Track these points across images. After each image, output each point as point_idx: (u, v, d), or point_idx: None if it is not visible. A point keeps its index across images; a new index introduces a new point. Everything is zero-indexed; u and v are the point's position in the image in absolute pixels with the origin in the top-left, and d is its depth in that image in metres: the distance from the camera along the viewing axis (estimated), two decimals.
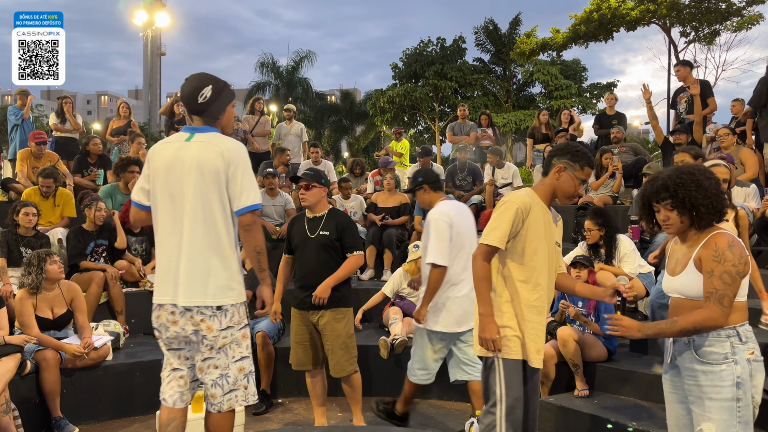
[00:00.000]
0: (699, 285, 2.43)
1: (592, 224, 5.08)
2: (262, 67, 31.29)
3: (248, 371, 2.82)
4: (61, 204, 6.54)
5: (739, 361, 2.38)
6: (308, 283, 4.03)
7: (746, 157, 6.61)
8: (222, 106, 2.84)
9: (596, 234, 5.08)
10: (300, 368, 4.16)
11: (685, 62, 7.82)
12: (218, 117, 2.84)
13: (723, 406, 2.35)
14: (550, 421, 4.26)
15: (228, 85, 2.91)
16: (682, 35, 23.31)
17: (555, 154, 2.97)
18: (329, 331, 3.99)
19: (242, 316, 2.79)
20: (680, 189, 2.46)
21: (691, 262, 2.47)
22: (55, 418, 4.26)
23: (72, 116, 8.87)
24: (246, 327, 2.82)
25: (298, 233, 4.11)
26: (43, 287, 4.50)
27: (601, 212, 5.20)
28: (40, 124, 24.32)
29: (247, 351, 2.81)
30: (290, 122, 9.96)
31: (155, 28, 16.17)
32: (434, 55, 28.73)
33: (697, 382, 2.42)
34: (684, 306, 2.50)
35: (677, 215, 2.49)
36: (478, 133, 10.06)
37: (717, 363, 2.39)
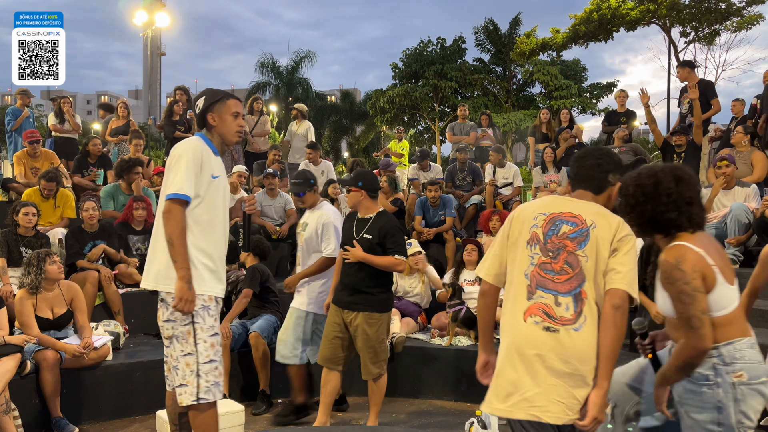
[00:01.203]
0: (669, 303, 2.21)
1: None
2: (262, 67, 31.29)
3: (195, 369, 2.78)
4: (61, 205, 6.54)
5: (722, 384, 2.13)
6: (346, 282, 4.10)
7: (757, 160, 6.62)
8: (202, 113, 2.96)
9: None
10: (323, 363, 4.18)
11: (686, 63, 7.77)
12: (204, 124, 2.97)
13: (702, 428, 2.16)
14: None
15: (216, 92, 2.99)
16: (682, 35, 23.31)
17: (610, 169, 2.44)
18: (360, 334, 4.05)
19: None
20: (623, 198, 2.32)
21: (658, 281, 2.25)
22: (55, 418, 4.26)
23: (71, 116, 8.87)
24: (191, 324, 2.79)
25: (346, 232, 4.18)
26: (43, 287, 4.50)
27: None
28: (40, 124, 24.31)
29: (191, 348, 2.78)
30: (298, 122, 9.94)
31: (155, 28, 16.15)
32: (434, 55, 28.72)
33: (679, 395, 2.24)
34: (671, 322, 2.28)
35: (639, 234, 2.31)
36: (478, 133, 10.07)
37: (698, 383, 2.17)
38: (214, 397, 2.82)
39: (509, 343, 2.23)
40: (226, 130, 2.96)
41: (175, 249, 2.74)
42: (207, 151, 2.90)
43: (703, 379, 2.15)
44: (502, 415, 2.17)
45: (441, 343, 5.27)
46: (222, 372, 2.89)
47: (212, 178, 2.87)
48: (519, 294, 2.23)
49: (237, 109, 2.98)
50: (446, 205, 7.16)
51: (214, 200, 2.89)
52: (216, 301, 2.91)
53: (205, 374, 2.79)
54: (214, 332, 2.86)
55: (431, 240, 6.99)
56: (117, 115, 9.41)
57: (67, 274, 5.41)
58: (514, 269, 2.27)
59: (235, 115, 2.97)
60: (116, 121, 9.35)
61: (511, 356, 2.20)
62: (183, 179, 2.76)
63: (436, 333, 5.50)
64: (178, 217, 2.75)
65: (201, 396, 2.77)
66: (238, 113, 2.99)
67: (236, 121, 2.97)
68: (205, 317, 2.83)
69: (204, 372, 2.79)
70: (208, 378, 2.79)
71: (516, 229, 2.29)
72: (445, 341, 5.25)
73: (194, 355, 2.78)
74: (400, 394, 5.04)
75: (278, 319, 5.25)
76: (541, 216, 2.27)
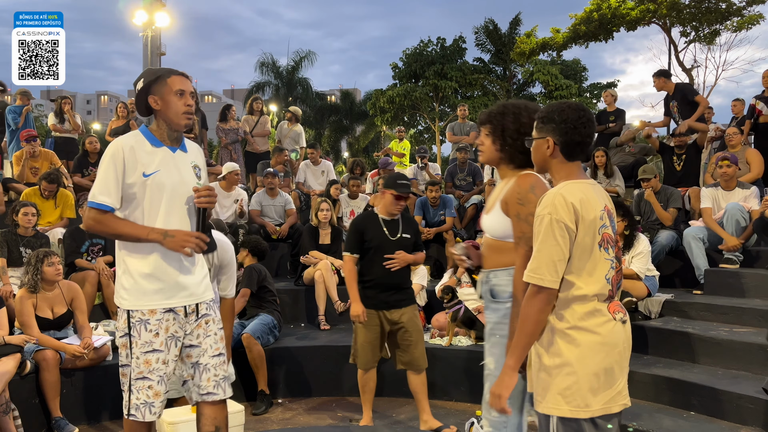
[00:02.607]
0: (503, 226, 2.41)
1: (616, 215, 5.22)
2: (262, 67, 31.27)
3: (128, 383, 2.57)
4: (61, 205, 6.54)
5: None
6: (390, 282, 4.14)
7: (752, 158, 6.61)
8: (142, 98, 2.60)
9: (621, 225, 5.17)
10: (366, 367, 4.25)
11: (661, 72, 7.72)
12: (144, 108, 2.61)
13: (500, 342, 2.40)
14: None
15: (155, 71, 2.61)
16: (683, 35, 23.29)
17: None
18: (412, 326, 4.17)
19: (123, 324, 2.58)
20: (498, 117, 2.49)
21: (498, 203, 2.46)
22: (55, 418, 4.25)
23: (72, 116, 8.87)
24: (127, 337, 2.56)
25: (376, 236, 4.15)
26: (42, 287, 4.50)
27: (622, 204, 5.43)
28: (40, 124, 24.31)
29: (126, 360, 2.58)
30: (291, 124, 9.97)
31: (155, 27, 16.10)
32: (434, 55, 28.71)
33: (488, 318, 2.51)
34: (491, 245, 2.51)
35: (491, 143, 2.52)
36: (478, 133, 10.06)
37: (504, 300, 2.41)
38: (143, 418, 2.56)
39: (600, 341, 2.05)
40: (171, 113, 2.55)
41: (127, 234, 2.51)
42: (138, 145, 2.54)
43: (508, 295, 2.38)
44: (600, 414, 2.04)
45: (441, 343, 5.27)
46: (158, 392, 2.57)
47: (144, 177, 2.51)
48: (601, 296, 2.07)
49: (182, 86, 2.56)
50: (446, 205, 7.17)
51: (155, 200, 2.54)
52: (163, 314, 2.58)
53: (136, 390, 2.56)
54: (152, 349, 2.55)
55: (431, 240, 7.00)
56: (117, 115, 9.42)
57: (67, 273, 5.42)
58: (592, 272, 2.06)
59: (179, 93, 2.55)
60: (116, 121, 9.37)
61: (605, 353, 2.05)
62: (98, 185, 2.53)
63: (435, 333, 5.50)
64: (100, 219, 2.51)
65: (130, 412, 2.57)
66: (184, 91, 2.56)
67: (182, 100, 2.54)
68: (141, 332, 2.55)
69: (135, 388, 2.56)
70: (138, 396, 2.55)
71: (582, 231, 2.04)
72: (445, 341, 5.25)
73: (129, 367, 2.58)
74: (400, 395, 5.03)
75: (275, 319, 5.25)
76: (604, 214, 2.11)
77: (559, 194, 2.02)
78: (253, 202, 7.40)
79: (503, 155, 2.50)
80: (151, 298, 2.57)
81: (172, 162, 2.60)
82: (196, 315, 2.69)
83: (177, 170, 2.60)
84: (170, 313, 2.60)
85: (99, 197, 2.51)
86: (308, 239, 6.47)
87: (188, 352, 2.69)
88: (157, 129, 2.61)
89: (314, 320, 6.06)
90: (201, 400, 2.70)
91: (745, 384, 3.95)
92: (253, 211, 7.31)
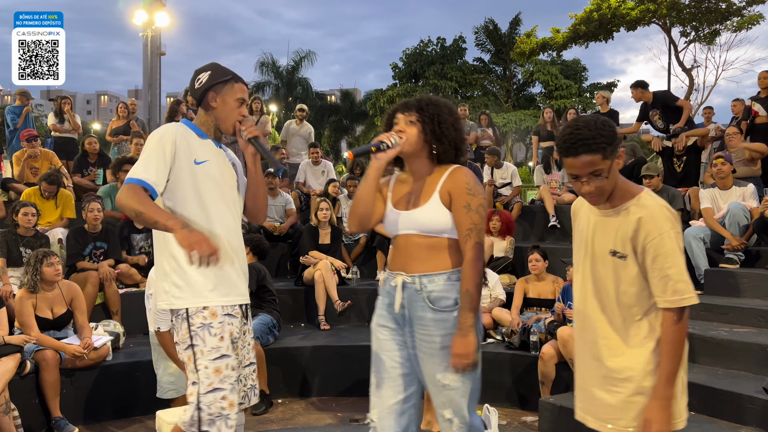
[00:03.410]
0: (443, 219, 2.22)
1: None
2: (262, 66, 31.27)
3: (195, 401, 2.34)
4: (61, 205, 6.54)
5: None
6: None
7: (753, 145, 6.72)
8: (204, 90, 2.50)
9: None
10: None
11: (637, 83, 7.81)
12: (201, 104, 2.53)
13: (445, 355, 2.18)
14: (550, 421, 4.25)
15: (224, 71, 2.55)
16: (683, 35, 23.30)
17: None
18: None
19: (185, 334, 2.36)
20: (432, 107, 2.27)
21: (435, 195, 2.24)
22: (54, 418, 4.25)
23: (71, 116, 8.87)
24: (191, 348, 2.35)
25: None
26: (41, 287, 4.50)
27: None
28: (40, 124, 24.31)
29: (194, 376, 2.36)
30: (300, 122, 9.93)
31: (155, 27, 16.12)
32: (434, 55, 28.73)
33: (429, 332, 2.20)
34: (422, 244, 2.24)
35: (418, 132, 2.25)
36: (478, 133, 10.06)
37: (449, 309, 2.20)
38: (219, 431, 2.34)
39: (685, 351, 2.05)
40: (225, 116, 2.50)
41: (147, 214, 2.25)
42: (187, 134, 2.45)
43: (452, 303, 2.20)
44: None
45: None
46: (233, 402, 2.37)
47: (195, 164, 2.41)
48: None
49: (243, 96, 2.54)
50: None
51: (205, 188, 2.42)
52: (224, 314, 2.40)
53: (207, 406, 2.33)
54: (220, 354, 2.35)
55: None
56: (117, 115, 9.42)
57: (68, 274, 5.42)
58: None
59: (240, 101, 2.52)
60: (116, 121, 9.37)
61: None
62: (142, 165, 2.34)
63: None
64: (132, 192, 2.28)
65: (203, 429, 2.33)
66: (244, 100, 2.54)
67: (239, 109, 2.51)
68: (206, 338, 2.35)
69: (206, 404, 2.32)
70: (211, 410, 2.33)
71: None
72: None
73: (197, 384, 2.33)
74: None
75: (274, 319, 5.25)
76: None
77: (664, 207, 1.95)
78: None
79: (432, 147, 2.26)
80: (210, 296, 2.39)
81: (219, 156, 2.53)
82: (245, 319, 2.54)
83: (223, 163, 2.54)
84: (228, 317, 2.43)
85: (142, 174, 2.32)
86: (308, 239, 6.47)
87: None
88: (203, 124, 2.53)
89: (314, 320, 6.06)
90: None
91: (745, 384, 3.94)
92: None
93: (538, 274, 5.46)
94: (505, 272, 6.48)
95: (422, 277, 2.22)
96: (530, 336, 4.93)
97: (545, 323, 4.96)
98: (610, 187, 1.96)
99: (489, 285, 5.69)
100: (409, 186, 2.35)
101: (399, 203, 2.33)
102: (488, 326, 5.41)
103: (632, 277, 1.98)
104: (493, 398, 4.71)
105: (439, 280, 2.21)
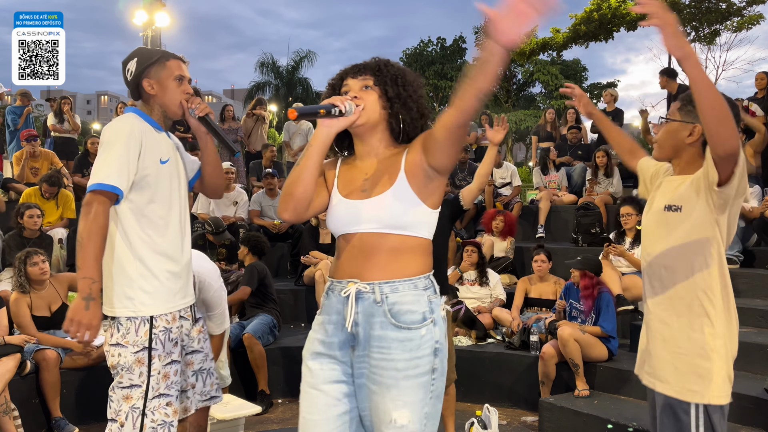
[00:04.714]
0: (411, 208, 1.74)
1: (631, 209, 5.48)
2: (262, 66, 31.30)
3: (141, 406, 2.23)
4: (61, 205, 6.55)
5: (437, 320, 1.76)
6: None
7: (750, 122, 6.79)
8: (135, 80, 2.32)
9: (635, 219, 5.41)
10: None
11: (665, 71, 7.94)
12: (140, 96, 2.36)
13: (419, 384, 1.71)
14: (550, 421, 4.26)
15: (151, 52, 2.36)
16: None
17: None
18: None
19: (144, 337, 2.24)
20: (391, 67, 1.82)
21: (401, 175, 1.75)
22: (55, 418, 4.25)
23: (71, 116, 8.88)
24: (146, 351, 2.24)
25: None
26: (32, 288, 4.50)
27: (635, 199, 5.66)
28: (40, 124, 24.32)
29: (140, 379, 2.24)
30: (299, 121, 9.91)
31: (155, 27, 16.11)
32: (434, 55, 28.78)
33: (389, 356, 1.71)
34: (374, 243, 1.75)
35: (376, 98, 1.77)
36: (478, 133, 10.06)
37: (416, 327, 1.71)
38: None
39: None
40: (168, 100, 2.30)
41: (85, 251, 2.11)
42: (147, 129, 2.28)
43: (421, 319, 1.73)
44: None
45: None
46: (176, 410, 2.31)
47: (161, 163, 2.28)
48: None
49: (180, 72, 2.33)
50: None
51: (167, 190, 2.30)
52: (180, 316, 2.36)
53: (151, 411, 2.23)
54: (171, 360, 2.29)
55: None
56: (117, 115, 9.42)
57: None
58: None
59: (178, 79, 2.31)
60: None
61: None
62: (113, 166, 2.15)
63: None
64: (99, 212, 2.13)
65: None
66: (183, 77, 2.32)
67: (181, 87, 2.30)
68: (165, 342, 2.27)
69: (150, 409, 2.23)
70: (155, 416, 2.23)
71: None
72: None
73: (142, 387, 2.23)
74: None
75: (274, 318, 5.25)
76: None
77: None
78: (252, 203, 7.41)
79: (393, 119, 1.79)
80: (177, 300, 2.33)
81: (173, 149, 2.39)
82: (194, 317, 2.50)
83: (178, 156, 2.41)
84: (182, 319, 2.39)
85: (113, 178, 2.15)
86: (308, 239, 6.48)
87: (190, 359, 2.48)
88: (153, 114, 2.35)
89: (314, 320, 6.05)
90: (203, 406, 2.54)
91: (745, 384, 3.94)
92: (253, 212, 7.32)
93: (542, 275, 5.45)
94: (505, 272, 6.48)
95: (383, 285, 1.74)
96: (530, 336, 4.93)
97: (545, 323, 4.96)
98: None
99: (490, 285, 5.69)
100: (363, 170, 1.83)
101: (350, 191, 1.82)
102: (488, 326, 5.41)
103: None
104: (493, 398, 4.71)
105: (405, 288, 1.74)
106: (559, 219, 7.55)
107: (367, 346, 1.74)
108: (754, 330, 4.62)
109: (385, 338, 1.72)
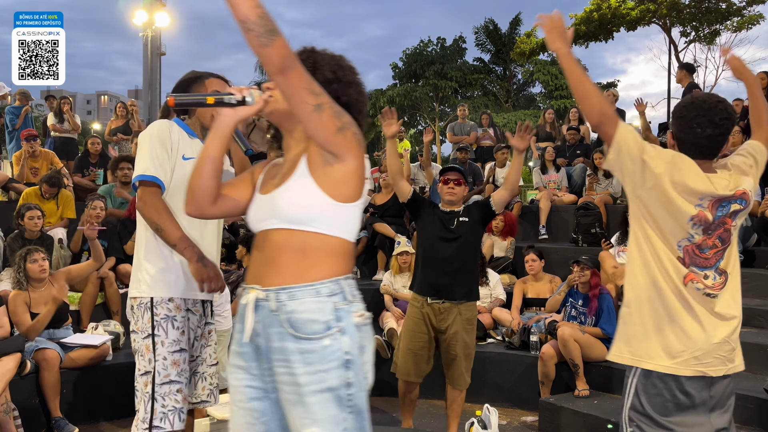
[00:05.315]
0: (313, 199, 1.59)
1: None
2: (262, 67, 31.29)
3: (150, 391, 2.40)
4: (61, 205, 6.55)
5: (347, 329, 1.58)
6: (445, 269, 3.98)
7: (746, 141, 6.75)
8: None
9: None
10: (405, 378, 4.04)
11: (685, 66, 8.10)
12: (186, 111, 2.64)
13: (327, 399, 1.55)
14: (550, 421, 4.26)
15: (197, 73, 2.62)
16: (683, 35, 23.31)
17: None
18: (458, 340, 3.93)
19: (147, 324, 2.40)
20: (310, 54, 1.70)
21: (302, 164, 1.62)
22: (55, 418, 4.25)
23: (71, 116, 8.87)
24: (150, 338, 2.40)
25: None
26: (31, 285, 4.50)
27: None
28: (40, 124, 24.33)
29: (149, 365, 2.41)
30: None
31: (155, 27, 16.11)
32: (434, 55, 28.78)
33: (292, 371, 1.56)
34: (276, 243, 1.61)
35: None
36: (478, 133, 10.07)
37: (318, 337, 1.55)
38: (171, 427, 2.35)
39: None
40: (203, 112, 2.57)
41: (167, 232, 2.32)
42: (179, 132, 2.54)
43: (324, 328, 1.56)
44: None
45: None
46: (186, 398, 2.44)
47: (183, 159, 2.49)
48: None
49: (217, 89, 2.59)
50: None
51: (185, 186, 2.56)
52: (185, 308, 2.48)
53: (161, 397, 2.37)
54: (179, 348, 2.42)
55: None
56: (116, 115, 9.43)
57: None
58: None
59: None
60: (115, 121, 9.38)
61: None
62: (147, 160, 2.40)
63: None
64: (154, 201, 2.36)
65: (154, 424, 2.35)
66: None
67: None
68: (168, 329, 2.41)
69: (161, 394, 2.37)
70: (165, 402, 2.36)
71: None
72: None
73: (151, 374, 2.39)
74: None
75: None
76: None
77: None
78: None
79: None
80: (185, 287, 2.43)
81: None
82: (202, 314, 2.59)
83: None
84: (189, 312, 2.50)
85: (153, 170, 2.37)
86: None
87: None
88: (191, 125, 2.61)
89: None
90: (191, 408, 2.61)
91: (745, 384, 3.94)
92: None
93: (535, 274, 5.46)
94: (505, 272, 6.48)
95: (280, 292, 1.58)
96: (530, 336, 4.93)
97: (545, 323, 4.96)
98: None
99: (489, 285, 5.68)
100: (281, 165, 1.73)
101: (266, 187, 1.71)
102: (488, 326, 5.41)
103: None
104: (493, 398, 4.71)
105: (304, 295, 1.57)
106: (559, 219, 7.55)
107: (270, 359, 1.60)
108: (754, 330, 4.62)
109: (284, 350, 1.57)
